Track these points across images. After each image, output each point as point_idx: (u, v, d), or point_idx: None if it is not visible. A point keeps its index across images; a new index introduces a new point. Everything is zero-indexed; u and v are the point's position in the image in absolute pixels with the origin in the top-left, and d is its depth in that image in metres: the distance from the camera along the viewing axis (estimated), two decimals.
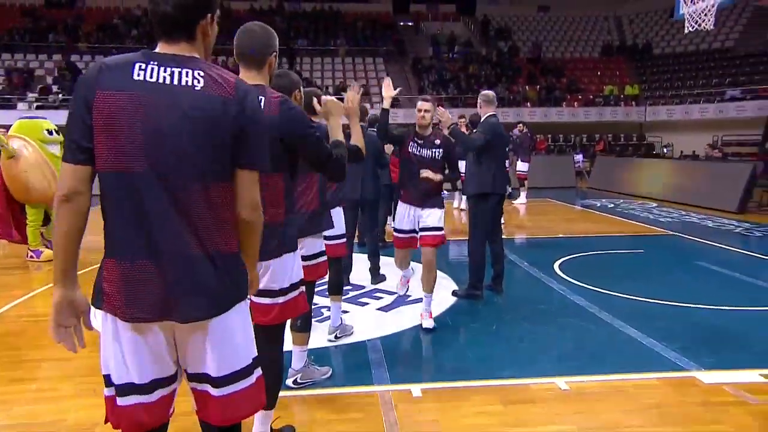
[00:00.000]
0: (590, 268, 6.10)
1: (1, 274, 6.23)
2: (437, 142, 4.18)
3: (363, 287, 5.38)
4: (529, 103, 21.53)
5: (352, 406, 3.01)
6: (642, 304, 4.78)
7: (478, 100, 5.20)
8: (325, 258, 3.17)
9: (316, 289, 3.64)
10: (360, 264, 5.70)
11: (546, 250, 7.07)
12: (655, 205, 11.68)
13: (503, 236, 5.76)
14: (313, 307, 3.51)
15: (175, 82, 1.44)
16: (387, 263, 5.76)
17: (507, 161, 7.09)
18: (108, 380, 1.53)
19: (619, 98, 22.23)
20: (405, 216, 4.23)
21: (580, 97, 22.25)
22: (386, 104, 3.93)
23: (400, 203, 4.31)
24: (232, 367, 1.54)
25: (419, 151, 4.14)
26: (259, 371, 1.63)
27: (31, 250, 6.49)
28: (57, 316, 1.51)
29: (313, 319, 4.30)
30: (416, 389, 3.18)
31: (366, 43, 24.52)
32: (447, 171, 4.28)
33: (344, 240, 3.89)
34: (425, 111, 4.13)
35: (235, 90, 1.49)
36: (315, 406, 3.03)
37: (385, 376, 3.39)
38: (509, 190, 11.49)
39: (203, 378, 1.54)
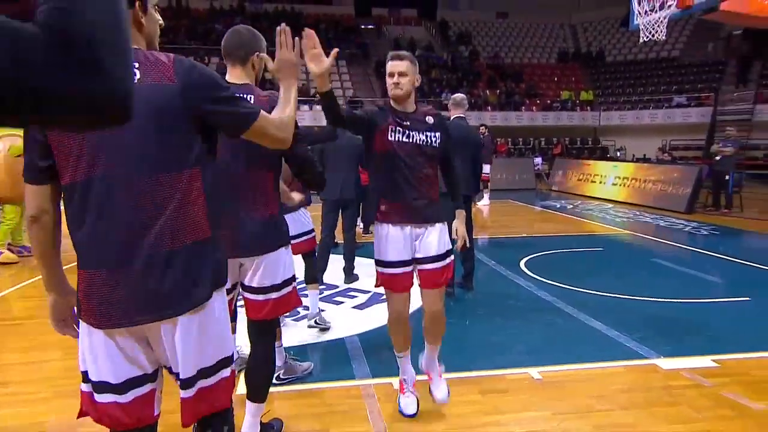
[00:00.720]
0: (554, 265, 6.37)
1: None
2: (430, 120, 2.76)
3: (337, 286, 5.47)
4: (489, 107, 22.05)
5: (336, 399, 3.10)
6: (604, 299, 5.04)
7: (449, 104, 5.38)
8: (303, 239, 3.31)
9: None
10: (333, 264, 5.77)
11: (511, 249, 7.32)
12: (611, 206, 12.20)
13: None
14: None
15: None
16: (360, 263, 5.86)
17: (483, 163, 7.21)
18: (85, 376, 1.54)
19: (575, 103, 23.04)
20: (396, 240, 2.76)
21: (538, 101, 22.94)
22: (322, 84, 2.38)
23: (380, 224, 2.79)
24: (200, 364, 1.52)
25: (405, 137, 2.67)
26: (227, 370, 1.59)
27: None
28: (54, 314, 1.61)
29: (288, 318, 4.39)
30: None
31: (329, 46, 24.41)
32: (445, 177, 3.04)
33: (313, 235, 4.03)
34: (399, 75, 2.64)
35: (176, 71, 1.46)
36: (301, 400, 3.10)
37: (366, 370, 3.49)
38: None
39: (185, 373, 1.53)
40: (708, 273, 6.11)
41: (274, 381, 3.19)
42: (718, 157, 10.95)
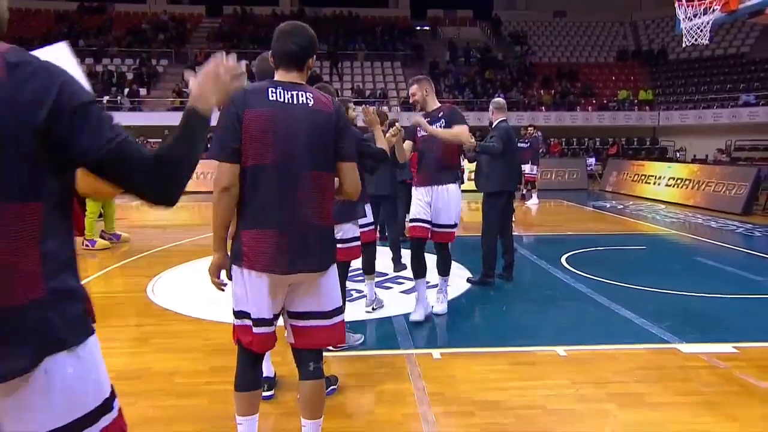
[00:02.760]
0: (594, 261, 6.63)
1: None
2: (441, 114, 4.20)
3: (386, 274, 5.98)
4: (543, 107, 21.98)
5: (383, 364, 3.61)
6: (638, 292, 5.31)
7: (490, 107, 5.79)
8: (358, 243, 3.75)
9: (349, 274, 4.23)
10: (382, 255, 6.29)
11: (554, 246, 7.60)
12: (663, 207, 12.13)
13: (514, 233, 6.31)
14: (346, 289, 4.02)
15: (295, 101, 2.08)
16: (406, 254, 6.35)
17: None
18: (244, 314, 2.14)
19: (633, 103, 22.58)
20: (420, 201, 4.31)
21: (594, 101, 22.65)
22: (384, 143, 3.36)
23: (414, 189, 4.41)
24: (331, 305, 2.21)
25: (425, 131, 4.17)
26: (341, 315, 2.27)
27: (87, 240, 7.19)
28: (216, 269, 2.19)
29: (346, 299, 4.94)
30: (436, 353, 3.77)
31: (384, 48, 25.17)
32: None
33: (373, 227, 4.46)
34: (411, 95, 4.32)
35: (333, 106, 2.15)
36: (353, 363, 3.63)
37: (409, 343, 3.98)
38: (523, 190, 11.99)
39: (307, 315, 2.19)
40: (751, 272, 6.21)
41: (329, 348, 3.73)
42: None
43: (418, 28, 27.62)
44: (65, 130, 1.09)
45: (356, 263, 4.12)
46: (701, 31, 5.83)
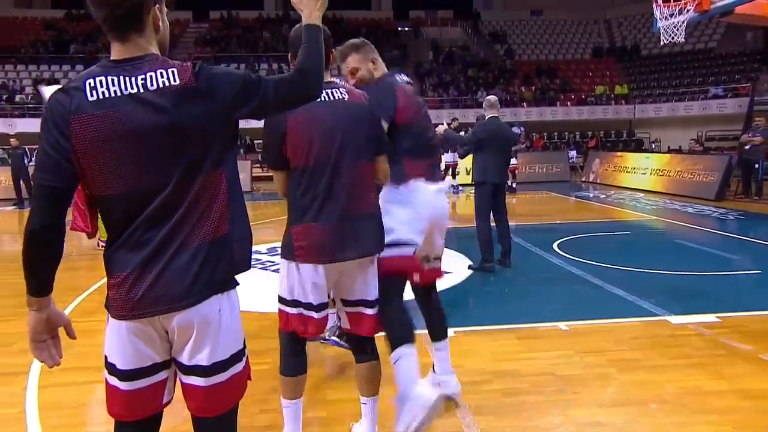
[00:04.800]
0: (584, 247, 6.95)
1: (85, 260, 7.08)
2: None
3: None
4: (525, 104, 22.40)
5: None
6: (626, 272, 5.63)
7: (483, 105, 6.12)
8: None
9: None
10: None
11: (545, 234, 7.92)
12: (643, 195, 12.56)
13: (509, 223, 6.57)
14: None
15: (332, 98, 2.15)
16: None
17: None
18: (298, 303, 2.17)
19: (609, 97, 23.10)
20: None
21: (573, 96, 23.12)
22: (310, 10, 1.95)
23: None
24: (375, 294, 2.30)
25: None
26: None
27: (101, 240, 7.32)
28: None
29: None
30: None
31: None
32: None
33: None
34: (350, 72, 2.61)
35: (365, 99, 2.25)
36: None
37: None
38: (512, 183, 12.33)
39: (358, 303, 2.26)
40: (727, 251, 6.59)
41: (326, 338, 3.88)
42: (747, 147, 11.19)
43: (401, 29, 27.86)
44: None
45: None
46: (677, 29, 6.16)
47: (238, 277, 1.50)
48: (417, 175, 2.52)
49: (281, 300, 2.25)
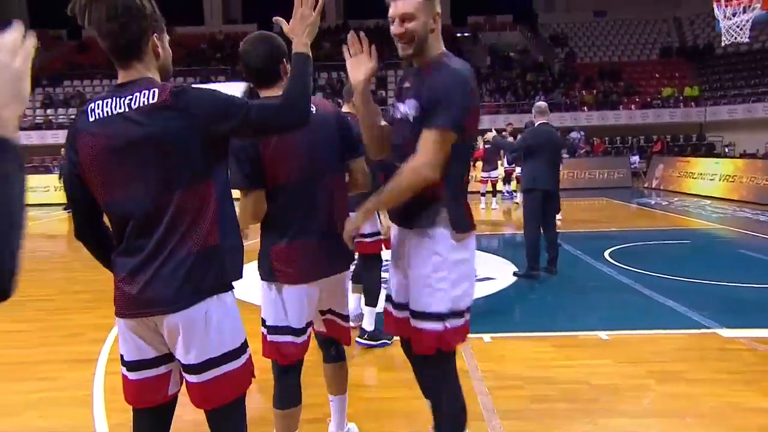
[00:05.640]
0: (638, 255, 6.70)
1: None
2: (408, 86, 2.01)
3: None
4: (585, 107, 21.71)
5: None
6: (681, 283, 5.39)
7: (533, 112, 6.03)
8: (381, 236, 3.72)
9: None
10: None
11: (598, 241, 7.68)
12: (709, 202, 11.88)
13: (559, 230, 6.44)
14: (381, 280, 3.96)
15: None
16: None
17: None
18: (283, 330, 2.07)
19: (677, 99, 21.98)
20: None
21: (637, 99, 22.18)
22: (362, 98, 2.03)
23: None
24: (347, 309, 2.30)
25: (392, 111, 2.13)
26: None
27: None
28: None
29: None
30: (486, 337, 4.03)
31: None
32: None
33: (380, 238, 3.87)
34: (401, 20, 1.89)
35: (331, 106, 2.21)
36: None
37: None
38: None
39: (332, 313, 2.26)
40: None
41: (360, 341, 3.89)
42: None
43: (459, 35, 27.72)
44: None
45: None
46: (741, 29, 5.85)
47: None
48: (472, 218, 2.05)
49: (266, 326, 2.13)
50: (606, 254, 6.76)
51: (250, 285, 2.71)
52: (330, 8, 28.26)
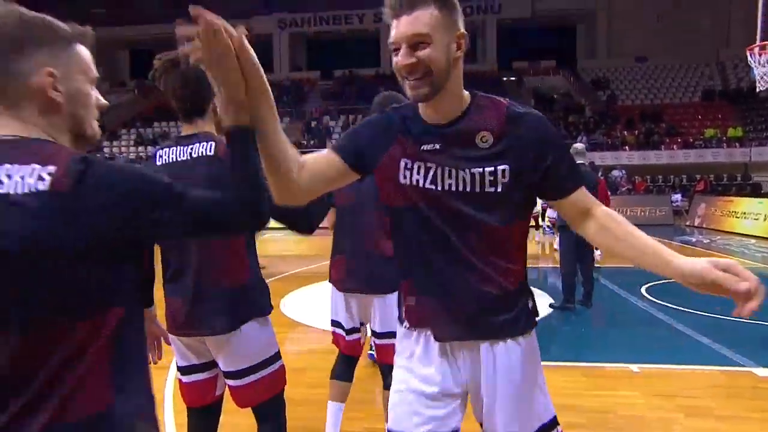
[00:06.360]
0: (675, 291, 6.39)
1: None
2: (485, 137, 1.25)
3: None
4: (627, 147, 21.11)
5: None
6: (718, 320, 5.10)
7: (571, 151, 6.00)
8: None
9: None
10: None
11: (635, 276, 7.37)
12: (753, 241, 11.20)
13: (598, 265, 6.29)
14: None
15: None
16: None
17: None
18: (336, 323, 2.51)
19: (720, 140, 21.00)
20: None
21: (679, 140, 21.37)
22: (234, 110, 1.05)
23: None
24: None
25: (424, 173, 1.28)
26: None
27: None
28: None
29: None
30: None
31: None
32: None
33: None
34: (411, 45, 1.17)
35: None
36: None
37: None
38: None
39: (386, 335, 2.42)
40: None
41: None
42: None
43: (504, 79, 27.82)
44: None
45: None
46: None
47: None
48: None
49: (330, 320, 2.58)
50: (643, 289, 6.51)
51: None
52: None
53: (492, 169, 1.24)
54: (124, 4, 27.73)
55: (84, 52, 0.96)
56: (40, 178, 0.82)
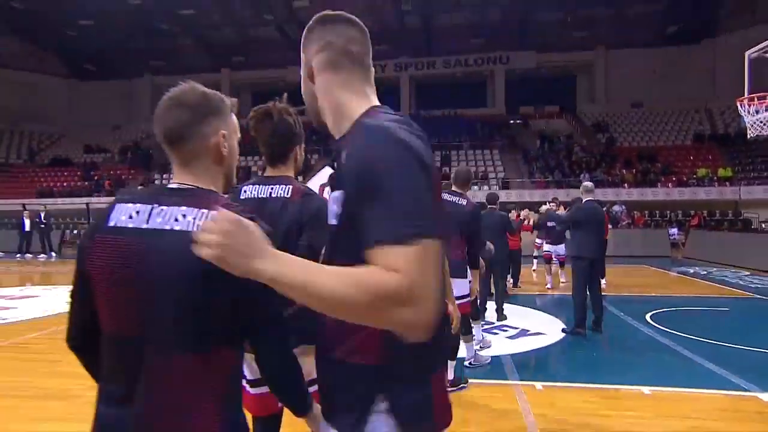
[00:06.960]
0: (678, 319, 6.31)
1: None
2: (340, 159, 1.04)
3: (492, 323, 6.22)
4: (626, 184, 21.00)
5: (496, 390, 3.89)
6: (720, 347, 5.03)
7: (581, 190, 6.08)
8: (469, 299, 3.89)
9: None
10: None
11: (640, 305, 7.31)
12: (748, 273, 10.95)
13: (604, 292, 6.25)
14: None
15: None
16: (507, 308, 6.56)
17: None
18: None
19: (712, 179, 20.76)
20: None
21: (674, 178, 21.19)
22: None
23: None
24: None
25: None
26: None
27: None
28: None
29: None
30: (539, 385, 3.97)
31: (484, 139, 25.93)
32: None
33: (468, 299, 3.90)
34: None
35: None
36: (476, 388, 3.95)
37: (516, 376, 4.22)
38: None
39: None
40: None
41: (465, 364, 4.14)
42: None
43: (512, 122, 28.06)
44: None
45: None
46: (764, 124, 5.68)
47: None
48: None
49: None
50: (647, 317, 6.43)
51: None
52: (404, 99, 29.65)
53: None
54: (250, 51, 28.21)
55: (234, 117, 1.16)
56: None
